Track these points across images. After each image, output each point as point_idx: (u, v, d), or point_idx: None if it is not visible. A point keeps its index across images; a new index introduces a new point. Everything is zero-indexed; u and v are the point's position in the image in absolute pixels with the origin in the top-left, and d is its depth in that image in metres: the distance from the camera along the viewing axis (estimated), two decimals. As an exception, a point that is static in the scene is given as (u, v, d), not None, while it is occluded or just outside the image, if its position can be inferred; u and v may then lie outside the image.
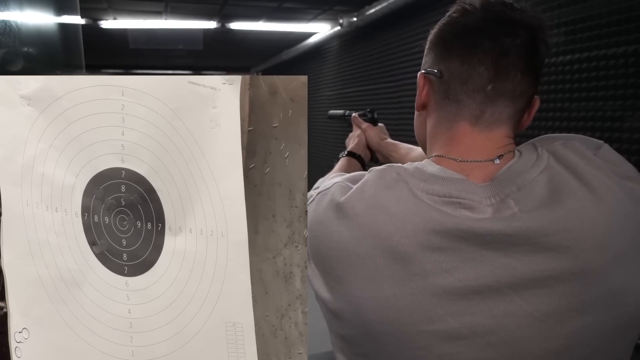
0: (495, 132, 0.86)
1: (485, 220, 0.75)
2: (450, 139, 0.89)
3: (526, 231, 0.74)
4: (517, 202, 0.77)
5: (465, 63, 0.85)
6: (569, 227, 0.74)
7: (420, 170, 0.83)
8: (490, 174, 0.83)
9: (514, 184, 0.79)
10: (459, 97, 0.87)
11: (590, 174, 0.79)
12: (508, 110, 0.86)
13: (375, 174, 0.84)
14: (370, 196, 0.81)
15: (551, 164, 0.81)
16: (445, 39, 0.90)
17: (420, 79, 0.94)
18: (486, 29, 0.84)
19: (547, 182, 0.78)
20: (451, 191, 0.79)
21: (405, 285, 0.76)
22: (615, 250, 0.75)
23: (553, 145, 0.84)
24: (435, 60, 0.91)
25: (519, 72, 0.84)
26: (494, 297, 0.75)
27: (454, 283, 0.75)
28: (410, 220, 0.77)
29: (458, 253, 0.75)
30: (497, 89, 0.84)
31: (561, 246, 0.74)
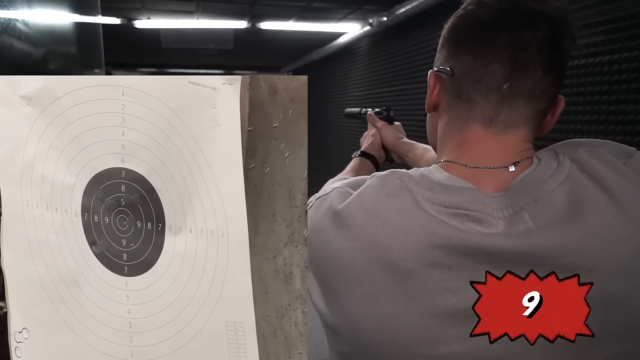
0: (512, 136, 0.78)
1: (495, 235, 0.68)
2: (462, 142, 0.81)
3: (540, 250, 0.66)
4: (533, 216, 0.69)
5: (478, 59, 0.77)
6: (591, 247, 0.66)
7: (426, 178, 0.76)
8: (505, 183, 0.74)
9: (530, 195, 0.71)
10: (471, 96, 0.79)
11: (619, 185, 0.70)
12: (526, 111, 0.77)
13: (376, 180, 0.78)
14: (370, 204, 0.75)
15: (574, 173, 0.72)
16: (457, 34, 0.82)
17: (431, 77, 0.87)
18: (502, 21, 0.76)
19: (568, 194, 0.70)
20: (459, 202, 0.72)
21: (404, 304, 0.70)
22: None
23: (577, 152, 0.75)
24: (447, 57, 0.83)
25: (539, 68, 0.75)
26: None
27: (458, 304, 0.68)
28: (412, 233, 0.70)
29: (463, 271, 0.69)
30: (514, 87, 0.76)
31: (582, 268, 0.66)
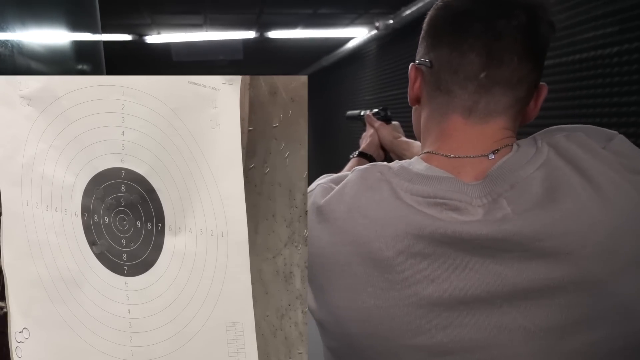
0: (491, 125, 0.78)
1: (472, 223, 0.68)
2: (442, 133, 0.81)
3: (517, 235, 0.66)
4: (510, 202, 0.69)
5: (454, 50, 0.78)
6: (568, 231, 0.66)
7: (405, 169, 0.77)
8: (484, 171, 0.75)
9: (507, 181, 0.71)
10: (450, 87, 0.79)
11: (596, 168, 0.69)
12: (505, 100, 0.78)
13: (356, 174, 0.78)
14: (351, 198, 0.75)
15: (551, 158, 0.72)
16: (435, 26, 0.83)
17: (412, 70, 0.87)
18: (477, 11, 0.76)
19: (544, 179, 0.70)
20: (437, 191, 0.72)
21: (386, 296, 0.70)
22: (625, 256, 0.66)
23: (554, 137, 0.75)
24: (426, 49, 0.84)
25: (515, 57, 0.75)
26: (484, 308, 0.68)
27: (439, 293, 0.68)
28: (390, 224, 0.71)
29: (443, 260, 0.69)
30: (491, 76, 0.76)
31: (559, 252, 0.66)
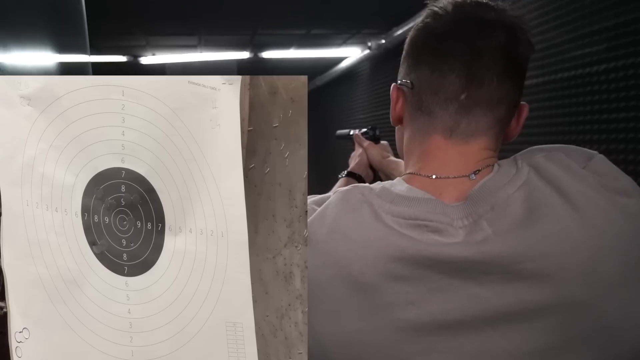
0: (472, 145, 0.78)
1: (453, 245, 0.68)
2: (424, 154, 0.81)
3: (497, 257, 0.66)
4: (491, 224, 0.68)
5: (435, 71, 0.77)
6: (548, 252, 0.65)
7: (387, 190, 0.76)
8: (465, 192, 0.74)
9: (488, 202, 0.70)
10: (431, 108, 0.79)
11: (575, 189, 0.69)
12: (486, 120, 0.78)
13: (338, 195, 0.78)
14: (332, 220, 0.74)
15: (531, 178, 0.71)
16: (415, 47, 0.82)
17: (393, 90, 0.87)
18: (455, 32, 0.76)
19: (524, 200, 0.69)
20: (417, 213, 0.72)
21: (368, 320, 0.69)
22: (607, 277, 0.66)
23: (534, 158, 0.75)
24: (407, 70, 0.84)
25: (494, 77, 0.75)
26: (466, 332, 0.67)
27: (420, 317, 0.67)
28: (371, 246, 0.70)
29: (424, 282, 0.68)
30: (471, 97, 0.76)
31: (539, 274, 0.65)
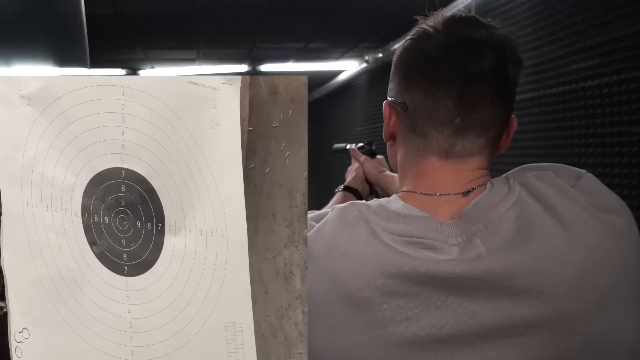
0: (467, 165, 0.80)
1: (447, 262, 0.69)
2: (419, 173, 0.83)
3: (490, 274, 0.67)
4: (484, 242, 0.70)
5: (429, 96, 0.78)
6: (539, 269, 0.67)
7: (383, 207, 0.78)
8: (460, 210, 0.76)
9: (481, 220, 0.72)
10: (425, 131, 0.80)
11: (564, 207, 0.71)
12: (480, 141, 0.80)
13: (335, 212, 0.79)
14: (329, 236, 0.76)
15: (523, 197, 0.73)
16: (407, 67, 0.83)
17: (386, 108, 0.88)
18: (448, 56, 0.77)
19: (516, 218, 0.71)
20: (413, 230, 0.73)
21: (364, 335, 0.70)
22: (596, 293, 0.68)
23: (525, 177, 0.77)
24: (399, 89, 0.85)
25: (488, 101, 0.77)
26: (460, 347, 0.68)
27: (416, 332, 0.69)
28: (367, 262, 0.71)
29: (419, 298, 0.69)
30: (465, 121, 0.78)
31: (531, 290, 0.67)
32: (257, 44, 5.22)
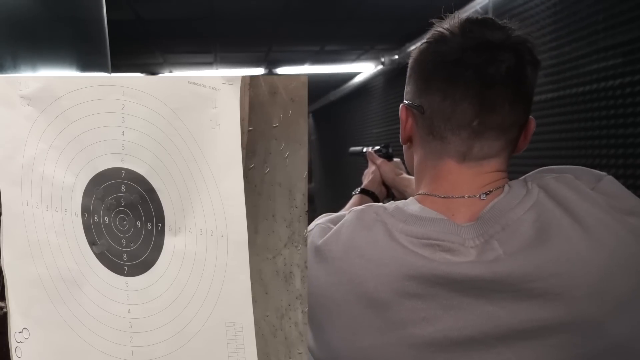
0: (485, 167, 0.80)
1: (465, 264, 0.69)
2: (437, 175, 0.83)
3: (508, 276, 0.67)
4: (502, 244, 0.70)
5: (447, 98, 0.78)
6: (558, 272, 0.66)
7: (400, 210, 0.78)
8: (477, 212, 0.76)
9: (499, 223, 0.72)
10: (443, 134, 0.80)
11: (584, 210, 0.70)
12: (498, 144, 0.79)
13: (353, 215, 0.80)
14: (347, 238, 0.76)
15: (541, 199, 0.73)
16: (424, 70, 0.83)
17: (402, 111, 0.89)
18: (466, 59, 0.77)
19: (535, 221, 0.70)
20: (430, 232, 0.73)
21: (382, 335, 0.71)
22: (617, 296, 0.67)
23: (544, 179, 0.76)
24: (416, 92, 0.84)
25: (506, 103, 0.77)
26: (478, 349, 0.68)
27: (433, 333, 0.69)
28: (386, 264, 0.72)
29: (436, 300, 0.69)
30: (483, 123, 0.77)
31: (550, 293, 0.66)
32: (273, 47, 5.27)
